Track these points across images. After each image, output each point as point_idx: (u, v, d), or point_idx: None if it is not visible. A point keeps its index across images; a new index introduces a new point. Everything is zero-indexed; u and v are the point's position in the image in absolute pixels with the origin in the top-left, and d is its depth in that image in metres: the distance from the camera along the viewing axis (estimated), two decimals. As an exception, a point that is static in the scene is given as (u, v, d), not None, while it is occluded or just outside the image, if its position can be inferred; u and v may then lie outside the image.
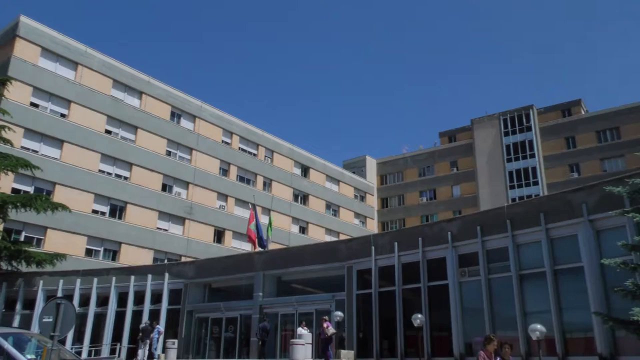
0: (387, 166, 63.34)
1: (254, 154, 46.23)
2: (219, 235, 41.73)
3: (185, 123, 41.19)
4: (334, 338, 18.98)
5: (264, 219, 38.03)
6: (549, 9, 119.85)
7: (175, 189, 39.39)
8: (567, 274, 15.56)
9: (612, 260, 12.06)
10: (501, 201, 46.98)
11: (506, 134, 54.87)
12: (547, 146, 52.33)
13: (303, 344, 18.55)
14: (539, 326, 13.88)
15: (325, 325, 17.94)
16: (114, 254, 35.16)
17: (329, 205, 52.99)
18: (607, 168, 47.70)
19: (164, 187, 38.62)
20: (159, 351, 22.95)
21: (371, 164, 63.31)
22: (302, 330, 19.59)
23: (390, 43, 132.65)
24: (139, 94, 38.39)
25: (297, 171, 50.45)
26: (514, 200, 49.28)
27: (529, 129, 53.59)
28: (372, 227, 58.01)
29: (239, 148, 45.04)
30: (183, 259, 36.46)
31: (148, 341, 22.36)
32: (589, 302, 14.50)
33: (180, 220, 39.08)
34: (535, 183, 51.45)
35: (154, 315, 25.25)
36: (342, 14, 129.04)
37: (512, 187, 52.68)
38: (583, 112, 54.00)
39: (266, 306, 23.45)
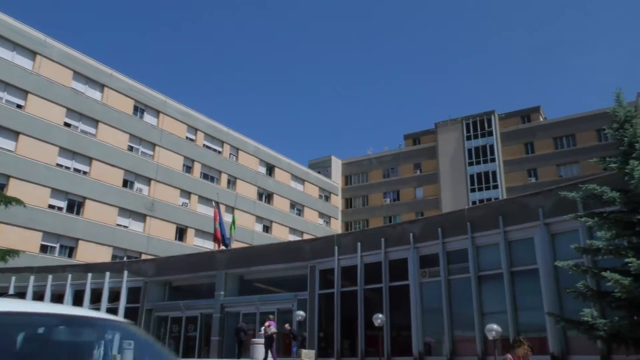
0: (352, 167, 63.80)
1: (219, 151, 45.73)
2: (181, 233, 41.08)
3: (148, 118, 40.34)
4: (296, 338, 18.98)
5: (227, 217, 37.71)
6: (511, 18, 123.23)
7: (137, 185, 38.55)
8: (523, 276, 16.04)
9: (565, 262, 12.47)
10: (462, 204, 48.00)
11: (468, 138, 56.11)
12: (507, 151, 53.80)
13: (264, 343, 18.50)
14: (495, 326, 14.26)
15: (267, 324, 17.99)
16: (70, 251, 34.11)
17: (293, 205, 52.95)
18: (563, 174, 49.42)
19: (125, 183, 37.72)
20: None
21: (336, 164, 63.64)
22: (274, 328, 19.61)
23: (357, 45, 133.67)
24: (101, 87, 37.36)
25: (262, 170, 50.20)
26: (474, 203, 50.41)
27: (490, 133, 54.97)
28: (336, 227, 58.30)
29: (204, 145, 44.44)
30: (143, 257, 35.72)
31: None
32: (543, 303, 14.99)
33: (141, 217, 38.27)
34: (495, 187, 52.81)
35: (112, 314, 24.64)
36: (312, 11, 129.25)
37: (473, 190, 53.91)
38: (541, 119, 55.77)
39: (228, 305, 23.26)
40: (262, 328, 18.43)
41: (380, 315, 17.32)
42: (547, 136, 52.16)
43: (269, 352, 17.62)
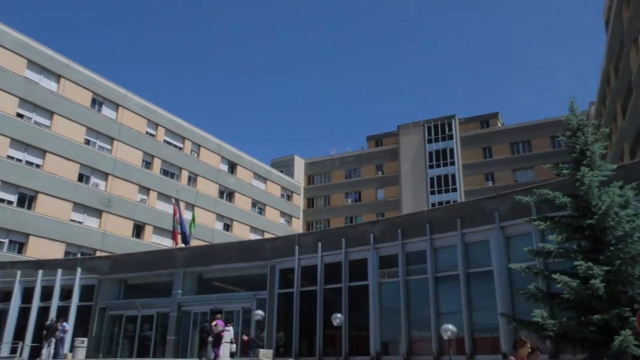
0: (315, 167, 63.91)
1: (180, 148, 44.89)
2: (138, 230, 40.12)
3: (107, 111, 39.19)
4: (256, 344, 18.81)
5: (187, 215, 37.08)
6: (474, 26, 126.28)
7: (93, 179, 37.39)
8: (479, 277, 16.43)
9: (518, 265, 12.83)
10: (422, 206, 48.84)
11: (429, 141, 57.11)
12: (466, 155, 55.05)
13: (229, 342, 18.36)
14: (450, 326, 14.57)
15: (214, 323, 17.86)
16: (20, 246, 32.75)
17: (255, 203, 52.57)
18: (519, 178, 50.97)
19: (81, 177, 36.52)
20: (65, 350, 21.68)
21: (299, 164, 63.59)
22: (228, 328, 19.44)
23: (322, 45, 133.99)
24: (57, 77, 36.02)
25: (224, 167, 49.61)
26: (434, 205, 51.36)
27: (450, 137, 56.12)
28: (297, 226, 58.25)
29: (164, 140, 43.53)
30: (98, 254, 34.68)
31: (54, 339, 21.01)
32: (496, 303, 15.39)
33: (96, 212, 37.14)
34: (454, 190, 53.96)
35: (63, 312, 23.84)
36: (280, 8, 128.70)
37: (432, 193, 54.91)
38: (500, 125, 57.36)
39: (185, 304, 22.89)
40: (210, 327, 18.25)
41: (339, 315, 17.41)
42: (505, 141, 53.68)
43: (214, 351, 17.49)
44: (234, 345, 19.14)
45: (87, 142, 37.35)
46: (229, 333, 19.19)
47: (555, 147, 47.97)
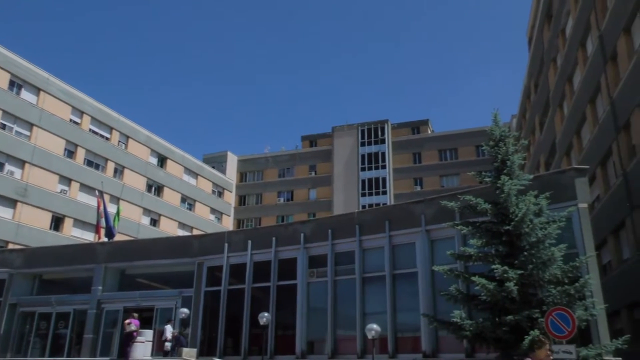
0: (248, 164, 63.30)
1: (107, 138, 42.86)
2: (57, 222, 37.89)
3: (26, 95, 36.70)
4: (181, 343, 18.34)
5: (112, 208, 35.52)
6: (407, 36, 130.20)
7: (8, 167, 34.89)
8: (404, 278, 16.94)
9: (441, 267, 13.37)
10: (353, 207, 49.72)
11: (362, 144, 58.25)
12: (397, 159, 56.64)
13: (143, 342, 17.78)
14: (375, 326, 14.92)
15: (127, 321, 17.35)
16: None
17: (184, 199, 51.23)
18: (445, 184, 53.14)
19: (-6, 164, 34.03)
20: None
21: (232, 161, 62.72)
22: (167, 327, 18.99)
23: (261, 42, 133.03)
24: (-29, 54, 33.37)
25: (154, 160, 47.95)
26: (364, 207, 52.41)
27: (382, 141, 57.53)
28: (228, 224, 57.43)
29: (90, 129, 41.38)
30: (10, 246, 32.44)
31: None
32: (419, 304, 15.94)
33: (10, 202, 34.69)
34: (385, 192, 55.37)
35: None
36: (218, 1, 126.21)
37: (363, 195, 56.03)
38: (429, 132, 59.50)
39: (105, 301, 21.94)
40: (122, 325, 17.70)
41: (265, 314, 17.35)
42: (433, 148, 55.78)
43: (125, 349, 16.97)
44: (169, 344, 18.58)
45: (3, 126, 34.82)
46: (169, 330, 18.72)
47: (480, 156, 50.43)
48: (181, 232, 47.65)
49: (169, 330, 18.79)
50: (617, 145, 19.46)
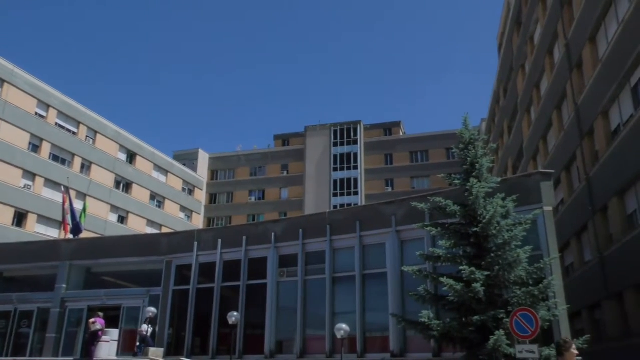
0: (220, 162, 62.72)
1: (74, 132, 41.80)
2: (20, 218, 36.77)
3: (-10, 86, 35.53)
4: (147, 342, 18.03)
5: (78, 205, 34.70)
6: (381, 41, 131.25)
7: (-31, 160, 33.73)
8: (374, 279, 17.05)
9: (410, 268, 13.51)
10: (324, 207, 49.85)
11: (335, 144, 58.45)
12: (368, 160, 57.04)
13: (108, 341, 17.43)
14: (344, 326, 14.98)
15: (92, 320, 17.06)
16: None
17: (153, 196, 50.39)
18: (416, 186, 53.80)
19: (-47, 157, 32.80)
20: None
21: (203, 158, 62.04)
22: (144, 327, 18.55)
23: (235, 39, 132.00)
24: None
25: (122, 156, 47.01)
26: (335, 207, 52.61)
27: (355, 142, 57.86)
28: (198, 222, 56.79)
29: (56, 123, 40.30)
30: (-30, 243, 31.33)
31: None
32: (388, 304, 16.07)
33: (-29, 197, 33.54)
34: (356, 193, 55.68)
35: None
36: None
37: (335, 195, 56.22)
38: (401, 134, 60.14)
39: (70, 299, 21.43)
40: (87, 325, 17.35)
41: (235, 313, 17.22)
42: (405, 150, 56.40)
43: (90, 349, 16.64)
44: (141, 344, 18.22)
45: (-36, 118, 33.63)
46: (115, 331, 18.32)
47: (450, 158, 51.22)
48: (150, 230, 46.87)
49: (145, 330, 18.40)
50: (581, 151, 20.06)
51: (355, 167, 56.76)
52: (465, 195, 12.98)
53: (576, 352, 5.57)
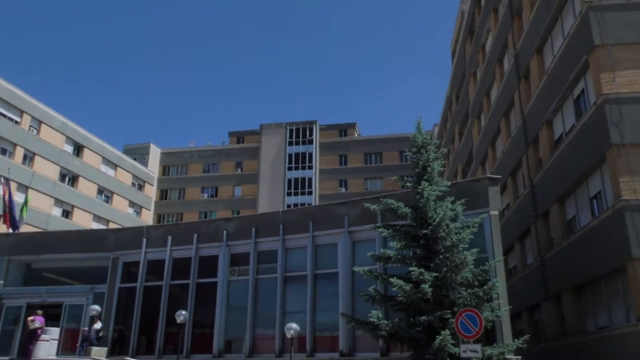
0: (172, 157, 61.40)
1: (16, 121, 39.81)
2: (-46, 210, 34.71)
3: None
4: (88, 340, 17.43)
5: (19, 197, 33.12)
6: (341, 42, 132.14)
7: None
8: (325, 278, 17.15)
9: (361, 268, 13.67)
10: (278, 206, 49.71)
11: (290, 143, 58.39)
12: (323, 160, 57.32)
13: (48, 340, 16.77)
14: (294, 325, 14.99)
15: (31, 318, 16.47)
16: None
17: (101, 190, 48.71)
18: (369, 187, 54.53)
19: None
20: None
21: (155, 153, 60.51)
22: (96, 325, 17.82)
23: (192, 33, 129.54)
24: None
25: (69, 148, 45.15)
26: (289, 206, 52.55)
27: (310, 142, 58.01)
28: (147, 218, 55.31)
29: (-3, 111, 38.31)
30: None
31: None
32: (339, 304, 16.21)
33: None
34: (310, 193, 55.83)
35: None
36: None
37: (289, 194, 56.16)
38: (356, 135, 60.76)
39: (7, 296, 20.44)
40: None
41: (183, 312, 16.93)
42: (359, 151, 57.06)
43: (28, 347, 16.02)
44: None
45: None
46: (56, 330, 17.62)
47: (403, 161, 52.19)
48: (96, 226, 45.29)
49: (95, 329, 17.73)
50: (527, 158, 20.90)
51: (310, 167, 56.91)
52: (416, 198, 13.25)
53: None
